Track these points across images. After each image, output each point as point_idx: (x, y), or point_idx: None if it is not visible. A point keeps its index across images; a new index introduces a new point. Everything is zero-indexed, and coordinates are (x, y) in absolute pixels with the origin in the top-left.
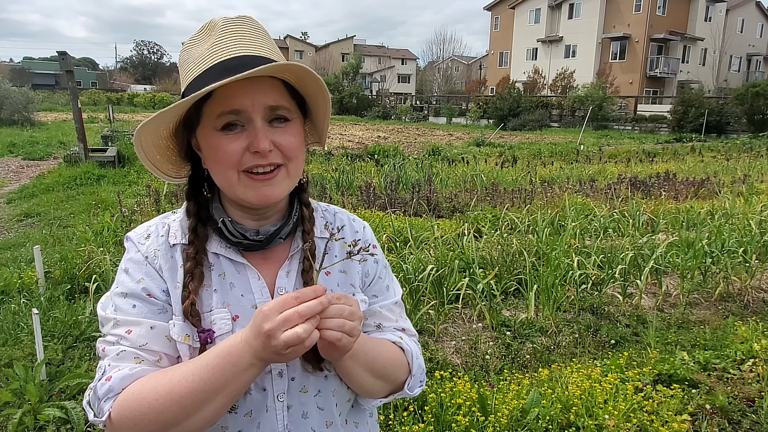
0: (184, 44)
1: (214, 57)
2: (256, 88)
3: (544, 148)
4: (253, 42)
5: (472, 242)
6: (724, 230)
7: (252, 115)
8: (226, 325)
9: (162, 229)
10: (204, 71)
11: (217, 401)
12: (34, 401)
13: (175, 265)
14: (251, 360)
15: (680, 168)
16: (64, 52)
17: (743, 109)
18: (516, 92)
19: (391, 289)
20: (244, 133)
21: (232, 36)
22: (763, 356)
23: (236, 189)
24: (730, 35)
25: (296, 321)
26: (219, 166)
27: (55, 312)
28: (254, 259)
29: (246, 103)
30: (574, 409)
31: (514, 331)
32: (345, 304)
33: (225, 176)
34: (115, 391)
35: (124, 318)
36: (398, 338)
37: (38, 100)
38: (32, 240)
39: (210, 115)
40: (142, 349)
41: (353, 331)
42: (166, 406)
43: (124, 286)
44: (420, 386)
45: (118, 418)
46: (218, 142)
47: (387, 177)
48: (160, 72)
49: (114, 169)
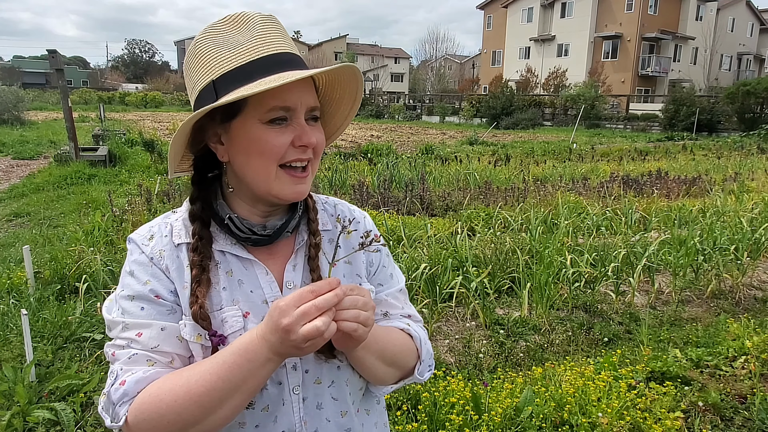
0: (206, 33)
1: (260, 49)
2: (302, 88)
3: (536, 147)
4: (288, 41)
5: (465, 241)
6: (716, 228)
7: (299, 113)
8: (237, 322)
9: (165, 229)
10: (251, 61)
11: (235, 398)
12: (23, 403)
13: (182, 265)
14: (268, 355)
15: (672, 166)
16: (54, 50)
17: (734, 108)
18: (509, 91)
19: (395, 277)
20: (289, 128)
21: (271, 32)
22: (754, 353)
23: (272, 183)
24: (721, 34)
25: (314, 314)
26: (260, 158)
27: (45, 313)
28: (260, 254)
29: (296, 100)
30: (567, 407)
31: (508, 330)
32: (359, 295)
33: (264, 169)
34: (130, 395)
35: (133, 321)
36: (406, 325)
37: (28, 99)
38: (22, 240)
39: (259, 107)
40: (154, 351)
41: (368, 321)
42: (184, 406)
43: (131, 289)
44: (429, 371)
45: (135, 421)
46: (265, 135)
47: (380, 176)
48: (152, 71)
49: (105, 169)
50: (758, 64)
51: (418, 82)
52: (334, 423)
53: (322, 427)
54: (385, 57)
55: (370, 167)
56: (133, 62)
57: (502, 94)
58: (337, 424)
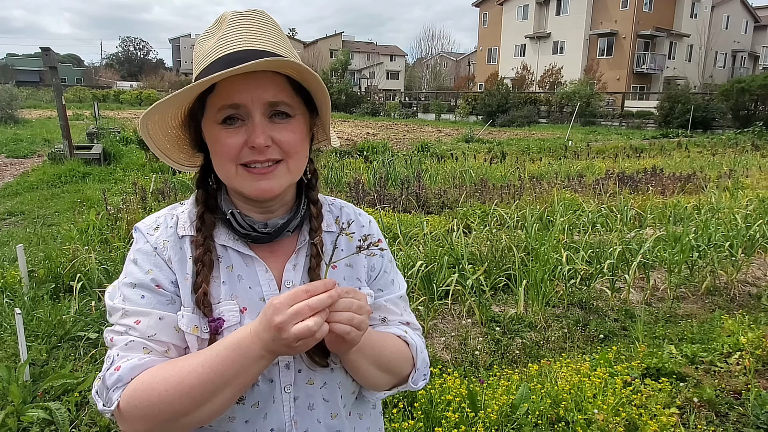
0: (198, 37)
1: (219, 51)
2: (256, 84)
3: (532, 144)
4: (259, 36)
5: (461, 238)
6: (711, 224)
7: (251, 110)
8: (234, 317)
9: (171, 220)
10: (209, 65)
11: (226, 392)
12: (17, 402)
13: (184, 257)
14: (261, 352)
15: (667, 163)
16: (48, 48)
17: (728, 105)
18: (504, 88)
19: (396, 283)
20: (244, 128)
21: (238, 30)
22: (749, 349)
23: (234, 181)
24: (716, 31)
25: (307, 314)
26: (219, 158)
27: (39, 312)
28: (261, 251)
29: (246, 97)
30: (563, 404)
31: (504, 327)
32: (354, 298)
33: (224, 168)
34: (124, 381)
35: (133, 308)
36: (403, 332)
37: (22, 97)
38: (15, 239)
39: (212, 108)
40: (150, 339)
41: (361, 324)
42: (176, 396)
43: (133, 277)
44: (424, 380)
45: (127, 408)
46: (218, 135)
47: (376, 173)
48: (147, 68)
49: (99, 167)
50: (752, 62)
51: (414, 80)
52: (324, 425)
53: (312, 427)
54: (380, 54)
55: (366, 165)
56: (127, 60)
57: (498, 92)
58: (328, 426)
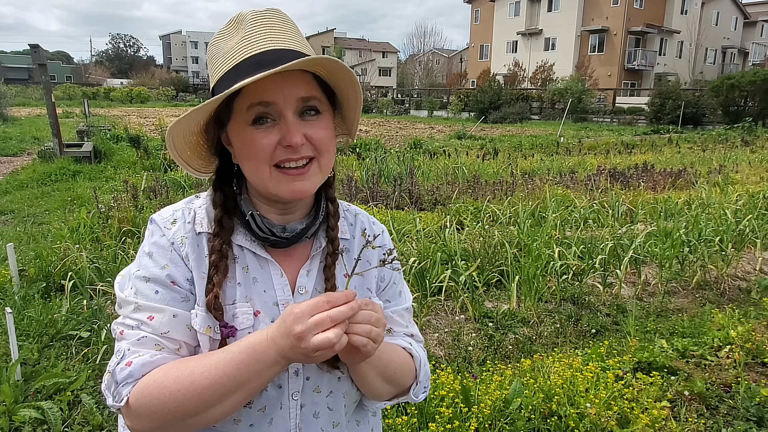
0: (212, 39)
1: (244, 51)
2: (286, 81)
3: (524, 141)
4: (284, 34)
5: (454, 234)
6: (701, 220)
7: (283, 109)
8: (248, 319)
9: (188, 215)
10: (234, 66)
11: (237, 396)
12: (8, 402)
13: (201, 255)
14: (276, 358)
15: (658, 159)
16: (37, 45)
17: (719, 101)
18: (496, 85)
19: (403, 295)
20: (276, 128)
21: (261, 29)
22: (739, 343)
23: (268, 184)
24: (706, 28)
25: (328, 325)
26: (252, 161)
27: (30, 311)
28: (277, 255)
29: (277, 96)
30: (556, 398)
31: (497, 323)
32: (372, 311)
33: (257, 171)
34: (135, 377)
35: (147, 303)
36: (408, 344)
37: (11, 95)
38: (5, 238)
39: (240, 109)
40: (163, 336)
41: (378, 337)
42: (187, 396)
43: (147, 271)
44: (424, 392)
45: (137, 404)
46: (250, 137)
47: (369, 170)
48: (137, 66)
49: (90, 165)
50: (742, 58)
51: (406, 77)
52: None
53: None
54: (372, 51)
55: (359, 162)
56: (117, 57)
57: (490, 89)
58: None
